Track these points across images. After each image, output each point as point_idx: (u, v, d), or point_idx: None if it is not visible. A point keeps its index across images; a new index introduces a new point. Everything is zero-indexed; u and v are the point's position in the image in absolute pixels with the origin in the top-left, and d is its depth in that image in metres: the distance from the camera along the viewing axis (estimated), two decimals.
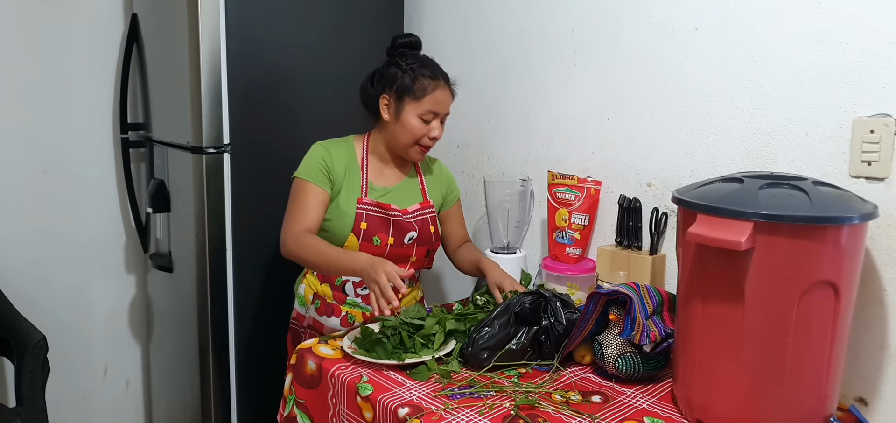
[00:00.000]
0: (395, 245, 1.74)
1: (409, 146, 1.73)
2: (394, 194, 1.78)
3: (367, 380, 1.38)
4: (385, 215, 1.73)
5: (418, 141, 1.73)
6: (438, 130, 1.74)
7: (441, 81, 1.72)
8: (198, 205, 1.96)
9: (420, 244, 1.78)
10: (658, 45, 1.69)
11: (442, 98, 1.72)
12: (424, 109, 1.70)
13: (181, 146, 2.01)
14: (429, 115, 1.71)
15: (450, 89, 1.75)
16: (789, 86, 1.45)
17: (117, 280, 2.51)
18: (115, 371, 2.55)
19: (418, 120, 1.70)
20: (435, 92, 1.70)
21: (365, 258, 1.55)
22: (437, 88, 1.70)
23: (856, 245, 1.16)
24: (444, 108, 1.73)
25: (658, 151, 1.71)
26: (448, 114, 1.76)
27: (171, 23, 2.01)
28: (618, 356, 1.36)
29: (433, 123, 1.72)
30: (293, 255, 1.67)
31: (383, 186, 1.78)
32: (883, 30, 1.30)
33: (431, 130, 1.72)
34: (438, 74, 1.73)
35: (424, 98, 1.69)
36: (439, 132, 1.74)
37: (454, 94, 1.77)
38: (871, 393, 1.36)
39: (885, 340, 1.33)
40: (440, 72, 1.74)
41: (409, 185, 1.83)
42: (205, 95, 1.90)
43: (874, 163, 1.32)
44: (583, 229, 1.82)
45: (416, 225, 1.76)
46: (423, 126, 1.71)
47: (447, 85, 1.74)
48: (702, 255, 1.18)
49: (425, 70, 1.71)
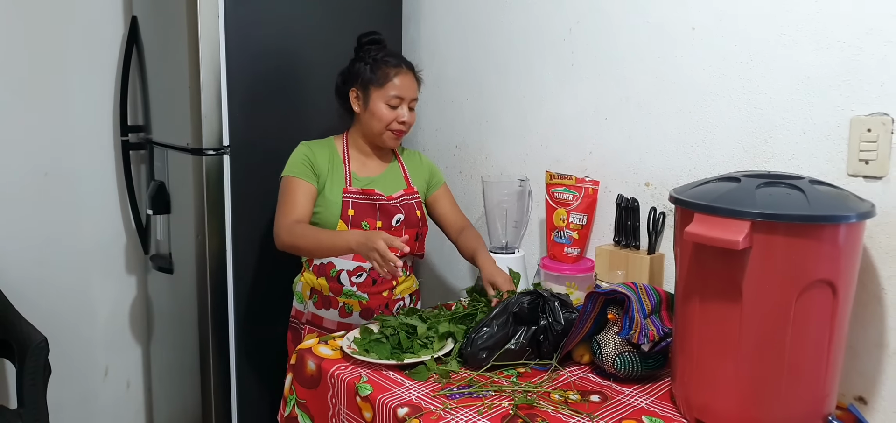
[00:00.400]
0: (384, 228, 1.79)
1: (382, 133, 1.81)
2: (377, 182, 1.84)
3: (367, 380, 1.38)
4: (371, 200, 1.79)
5: (388, 126, 1.80)
6: (407, 114, 1.81)
7: (403, 68, 1.81)
8: (198, 206, 1.96)
9: (408, 227, 1.83)
10: (655, 45, 1.69)
11: (405, 83, 1.79)
12: (389, 95, 1.78)
13: (181, 148, 2.01)
14: (394, 100, 1.78)
15: (413, 75, 1.83)
16: (786, 85, 1.45)
17: (118, 282, 2.51)
18: (116, 373, 2.55)
19: (385, 106, 1.79)
20: (397, 77, 1.78)
21: (357, 234, 1.63)
22: (398, 74, 1.79)
23: (853, 244, 1.16)
24: (409, 92, 1.80)
25: (656, 151, 1.71)
26: (415, 99, 1.83)
27: (171, 25, 2.02)
28: (616, 355, 1.37)
29: (400, 108, 1.79)
30: (287, 245, 1.74)
31: (367, 175, 1.85)
32: (880, 29, 1.30)
33: (399, 114, 1.80)
34: (400, 62, 1.82)
35: (387, 85, 1.78)
36: (409, 117, 1.81)
37: (419, 79, 1.85)
38: (871, 392, 1.36)
39: (884, 338, 1.34)
40: (402, 59, 1.83)
41: (391, 173, 1.89)
42: (204, 96, 1.90)
43: (872, 162, 1.32)
44: (581, 229, 1.82)
45: (402, 208, 1.82)
46: (391, 112, 1.79)
47: (410, 71, 1.82)
48: (699, 254, 1.19)
49: (388, 59, 1.81)
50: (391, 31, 2.29)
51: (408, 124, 1.82)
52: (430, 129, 2.37)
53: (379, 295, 1.83)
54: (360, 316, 1.82)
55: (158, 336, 2.47)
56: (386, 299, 1.84)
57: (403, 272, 1.85)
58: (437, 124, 2.34)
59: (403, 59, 1.84)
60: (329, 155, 1.84)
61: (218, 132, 1.94)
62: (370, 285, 1.81)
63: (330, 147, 1.87)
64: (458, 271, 2.33)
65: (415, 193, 1.88)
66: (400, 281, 1.86)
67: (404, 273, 1.87)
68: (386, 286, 1.83)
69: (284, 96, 2.07)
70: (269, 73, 2.03)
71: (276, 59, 2.04)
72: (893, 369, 1.33)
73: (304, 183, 1.78)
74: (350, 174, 1.83)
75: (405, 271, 1.89)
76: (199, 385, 2.06)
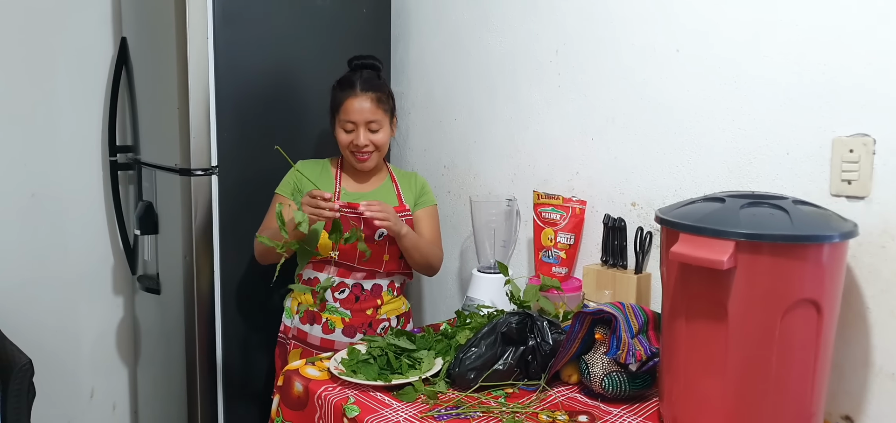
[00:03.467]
0: (367, 240, 1.78)
1: (347, 156, 1.85)
2: (367, 198, 1.84)
3: (354, 402, 1.37)
4: (355, 213, 1.77)
5: (349, 150, 1.82)
6: (363, 137, 1.80)
7: (354, 91, 1.80)
8: (185, 227, 1.96)
9: (392, 243, 1.83)
10: (640, 67, 1.71)
11: (353, 106, 1.79)
12: (342, 120, 1.80)
13: (169, 168, 2.01)
14: (348, 125, 1.80)
15: (365, 94, 1.80)
16: (770, 106, 1.47)
17: (104, 303, 2.49)
18: (102, 395, 2.52)
19: (342, 130, 1.81)
20: (346, 102, 1.80)
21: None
22: (347, 97, 1.80)
23: (837, 263, 1.17)
24: (358, 115, 1.79)
25: (642, 171, 1.73)
26: (372, 121, 1.81)
27: (160, 46, 2.02)
28: (604, 375, 1.37)
29: (355, 131, 1.80)
30: (258, 253, 1.85)
31: (356, 191, 1.87)
32: (860, 51, 1.32)
33: (354, 138, 1.80)
34: (352, 85, 1.81)
35: (340, 109, 1.82)
36: (364, 139, 1.80)
37: (378, 96, 1.81)
38: (857, 411, 1.37)
39: (869, 357, 1.34)
40: (355, 82, 1.81)
41: (383, 191, 1.90)
42: (193, 117, 1.90)
43: (854, 182, 1.34)
44: (568, 249, 1.83)
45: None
46: (346, 135, 1.81)
47: (362, 92, 1.80)
48: (685, 274, 1.19)
49: (342, 83, 1.83)
50: (380, 52, 2.30)
51: (364, 147, 1.80)
52: (418, 149, 2.38)
53: (362, 313, 1.83)
54: (343, 333, 1.82)
55: (145, 358, 2.45)
56: (369, 317, 1.84)
57: (391, 293, 1.87)
58: (426, 145, 2.35)
59: (359, 80, 1.81)
60: (318, 172, 1.88)
61: (206, 153, 1.94)
62: (353, 302, 1.82)
63: (323, 166, 1.92)
64: (446, 293, 2.33)
65: (405, 211, 1.89)
66: (384, 300, 1.86)
67: (390, 293, 1.88)
68: (369, 304, 1.84)
69: (273, 117, 2.07)
70: (257, 93, 2.03)
71: (265, 79, 2.05)
72: (879, 387, 1.34)
73: (285, 199, 1.83)
74: (339, 190, 1.86)
75: (393, 291, 1.89)
76: (187, 407, 2.04)
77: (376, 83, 1.84)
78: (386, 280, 1.87)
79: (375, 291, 1.86)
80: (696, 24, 1.59)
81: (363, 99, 1.80)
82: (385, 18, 2.32)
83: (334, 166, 1.91)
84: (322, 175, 1.88)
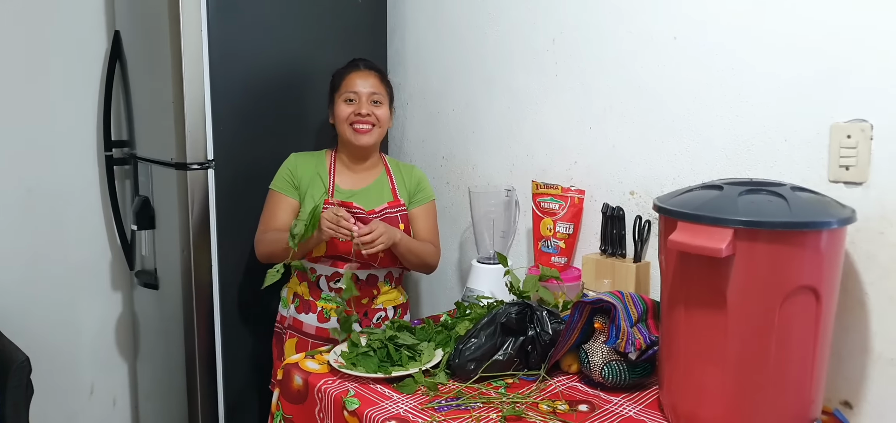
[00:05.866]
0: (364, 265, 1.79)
1: (346, 131, 1.84)
2: (360, 196, 1.85)
3: (354, 394, 1.37)
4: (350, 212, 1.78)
5: (349, 122, 1.83)
6: (366, 106, 1.82)
7: (358, 67, 1.87)
8: (182, 221, 1.95)
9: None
10: (638, 55, 1.70)
11: (357, 79, 1.84)
12: (344, 93, 1.84)
13: (165, 163, 2.00)
14: (351, 95, 1.83)
15: (373, 72, 1.87)
16: (768, 93, 1.46)
17: (103, 298, 2.49)
18: (102, 390, 2.52)
19: (343, 104, 1.83)
20: (349, 76, 1.85)
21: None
22: (350, 72, 1.86)
23: (835, 250, 1.17)
24: (364, 87, 1.84)
25: (640, 160, 1.73)
26: (375, 93, 1.85)
27: (154, 39, 2.01)
28: (604, 364, 1.37)
29: (357, 102, 1.83)
30: (259, 253, 1.85)
31: (350, 188, 1.87)
32: (858, 36, 1.32)
33: (356, 108, 1.82)
34: (355, 64, 1.88)
35: (342, 85, 1.85)
36: (367, 108, 1.83)
37: (382, 77, 1.89)
38: (856, 397, 1.37)
39: (868, 343, 1.35)
40: (358, 62, 1.89)
41: (378, 186, 1.90)
42: (188, 111, 1.89)
43: (852, 167, 1.34)
44: (567, 238, 1.83)
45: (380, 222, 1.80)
46: (347, 107, 1.83)
47: (364, 68, 1.87)
48: (683, 262, 1.19)
49: (343, 67, 1.89)
50: (376, 43, 2.29)
51: (366, 117, 1.82)
52: (416, 140, 2.38)
53: (358, 302, 1.83)
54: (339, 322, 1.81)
55: (145, 353, 2.44)
56: (365, 307, 1.84)
57: (387, 283, 1.88)
58: (424, 136, 2.35)
59: (362, 61, 1.89)
60: (314, 166, 1.87)
61: (202, 146, 1.93)
62: None
63: (319, 159, 1.90)
64: (446, 284, 2.33)
65: (401, 206, 1.88)
66: (381, 290, 1.86)
67: (386, 284, 1.88)
68: (365, 294, 1.84)
69: (269, 109, 2.06)
70: (253, 85, 2.02)
71: (261, 70, 2.04)
72: (877, 373, 1.34)
73: (283, 196, 1.84)
74: (333, 186, 1.85)
75: (390, 281, 1.89)
76: (187, 402, 2.04)
77: (378, 66, 1.92)
78: (383, 271, 1.87)
79: (371, 280, 1.85)
80: (694, 11, 1.58)
81: (367, 74, 1.85)
82: (381, 9, 2.31)
83: (329, 160, 1.90)
84: (317, 169, 1.87)
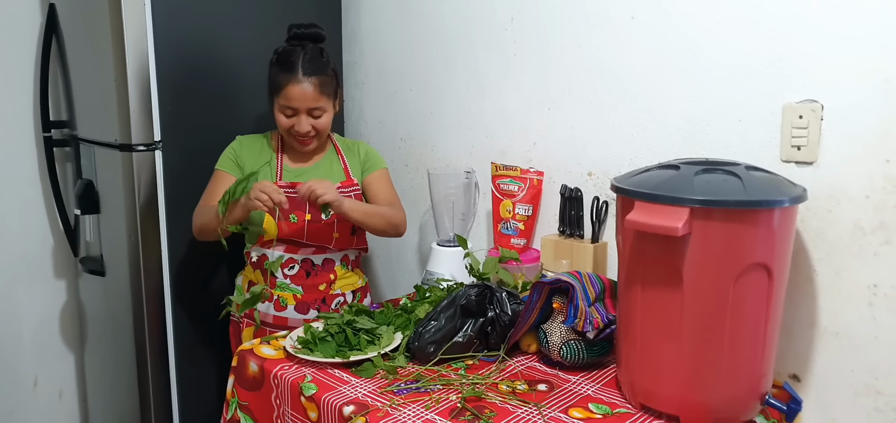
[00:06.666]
0: (313, 221, 1.75)
1: (286, 136, 1.77)
2: (308, 174, 1.79)
3: (311, 379, 1.34)
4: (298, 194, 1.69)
5: (289, 133, 1.74)
6: (304, 124, 1.71)
7: (294, 75, 1.68)
8: (129, 205, 1.88)
9: (341, 220, 1.76)
10: (595, 35, 1.70)
11: (294, 93, 1.68)
12: (281, 105, 1.71)
13: (109, 145, 1.91)
14: (288, 110, 1.71)
15: (310, 81, 1.68)
16: (722, 73, 1.48)
17: (46, 287, 2.38)
18: (47, 383, 2.42)
19: (281, 114, 1.72)
20: (287, 87, 1.68)
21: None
22: (288, 82, 1.68)
23: (787, 228, 1.20)
24: (299, 102, 1.69)
25: (598, 141, 1.73)
26: (315, 108, 1.71)
27: (92, 13, 1.90)
28: (562, 343, 1.37)
29: (296, 117, 1.71)
30: (195, 227, 1.77)
31: (298, 167, 1.81)
32: (810, 17, 1.34)
33: (295, 123, 1.71)
34: (293, 68, 1.68)
35: (280, 93, 1.70)
36: (306, 127, 1.71)
37: (321, 79, 1.70)
38: (804, 370, 1.41)
39: (815, 318, 1.39)
40: (297, 65, 1.68)
41: (326, 164, 1.84)
42: (132, 90, 1.81)
43: (803, 147, 1.36)
44: (527, 220, 1.82)
45: None
46: (287, 120, 1.72)
47: (305, 77, 1.68)
48: (640, 241, 1.20)
49: (282, 63, 1.70)
50: (330, 21, 2.24)
51: (307, 134, 1.73)
52: (374, 121, 2.33)
53: (315, 288, 1.79)
54: (295, 310, 1.78)
55: (92, 342, 2.36)
56: (322, 293, 1.81)
57: (344, 267, 1.84)
58: (381, 117, 2.31)
59: (300, 63, 1.69)
60: (259, 148, 1.82)
61: (148, 127, 1.85)
62: (304, 278, 1.78)
63: (265, 140, 1.84)
64: (406, 267, 2.31)
65: (354, 185, 1.84)
66: (338, 275, 1.82)
67: (344, 267, 1.84)
68: (322, 280, 1.80)
69: (217, 88, 1.99)
70: (202, 62, 1.95)
71: (210, 47, 1.96)
72: (823, 347, 1.38)
73: (227, 175, 1.77)
74: (281, 167, 1.79)
75: (347, 264, 1.86)
76: (138, 391, 1.98)
77: (319, 64, 1.72)
78: (338, 255, 1.83)
79: (327, 265, 1.82)
80: None
81: (305, 84, 1.68)
82: None
83: (275, 142, 1.83)
84: (262, 151, 1.81)
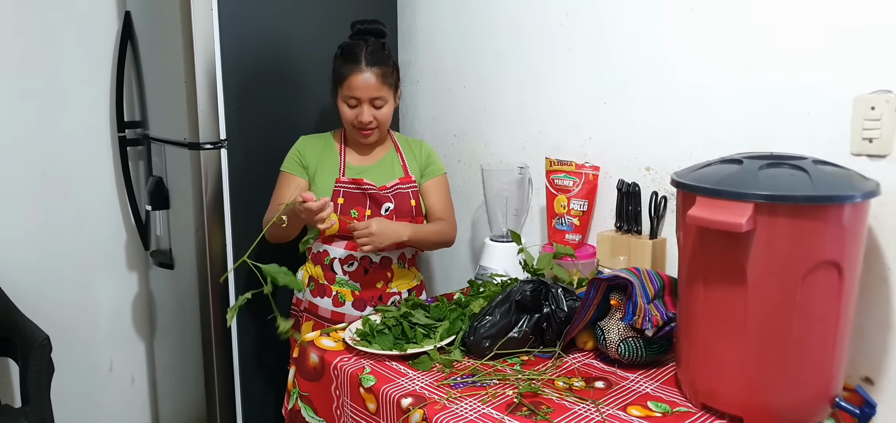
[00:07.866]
0: (373, 216, 1.78)
1: (350, 131, 1.81)
2: (370, 172, 1.84)
3: (370, 371, 1.37)
4: (360, 189, 1.79)
5: (352, 125, 1.78)
6: (367, 114, 1.75)
7: (359, 65, 1.73)
8: (196, 201, 1.95)
9: (399, 216, 1.81)
10: (653, 28, 1.67)
11: (357, 83, 1.73)
12: (345, 95, 1.76)
13: (178, 143, 2.00)
14: (351, 100, 1.75)
15: (377, 71, 1.73)
16: (788, 65, 1.43)
17: (119, 278, 2.51)
18: (120, 369, 2.56)
19: (345, 105, 1.77)
20: (350, 77, 1.73)
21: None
22: (352, 72, 1.73)
23: (858, 224, 1.15)
24: (362, 92, 1.74)
25: (656, 135, 1.70)
26: (377, 97, 1.75)
27: (165, 18, 2.00)
28: (620, 341, 1.36)
29: (359, 107, 1.75)
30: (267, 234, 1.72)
31: (360, 165, 1.85)
32: (882, 6, 1.28)
33: (358, 114, 1.76)
34: (357, 58, 1.74)
35: (343, 84, 1.75)
36: (368, 117, 1.76)
37: (383, 69, 1.74)
38: (877, 372, 1.35)
39: (890, 318, 1.33)
40: (360, 56, 1.74)
41: (388, 161, 1.88)
42: (200, 90, 1.89)
43: (876, 140, 1.31)
44: (582, 215, 1.81)
45: (393, 198, 1.81)
46: (350, 111, 1.77)
47: (370, 67, 1.73)
48: (702, 238, 1.17)
49: (347, 55, 1.76)
50: (386, 20, 2.25)
51: (368, 124, 1.77)
52: (427, 118, 2.36)
53: (372, 286, 1.83)
54: (353, 306, 1.82)
55: (161, 332, 2.47)
56: (379, 290, 1.84)
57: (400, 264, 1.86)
58: (435, 113, 2.33)
59: (364, 54, 1.74)
60: (322, 147, 1.86)
61: (215, 126, 1.93)
62: (362, 275, 1.82)
63: (326, 140, 1.89)
64: (459, 262, 2.32)
65: (411, 182, 1.87)
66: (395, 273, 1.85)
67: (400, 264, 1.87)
68: (379, 277, 1.83)
69: (281, 87, 2.05)
70: (264, 64, 2.01)
71: (272, 50, 2.02)
72: None
73: (292, 177, 1.83)
74: (344, 164, 1.84)
75: (404, 263, 1.88)
76: (203, 380, 2.06)
77: (381, 56, 1.77)
78: (396, 253, 1.86)
79: (385, 263, 1.85)
80: None
81: (368, 74, 1.73)
82: None
83: (337, 140, 1.88)
84: (325, 150, 1.86)
